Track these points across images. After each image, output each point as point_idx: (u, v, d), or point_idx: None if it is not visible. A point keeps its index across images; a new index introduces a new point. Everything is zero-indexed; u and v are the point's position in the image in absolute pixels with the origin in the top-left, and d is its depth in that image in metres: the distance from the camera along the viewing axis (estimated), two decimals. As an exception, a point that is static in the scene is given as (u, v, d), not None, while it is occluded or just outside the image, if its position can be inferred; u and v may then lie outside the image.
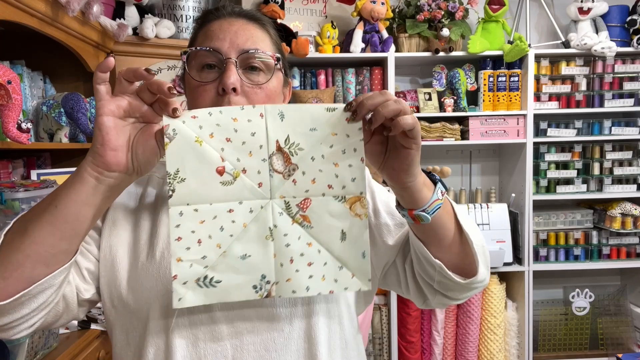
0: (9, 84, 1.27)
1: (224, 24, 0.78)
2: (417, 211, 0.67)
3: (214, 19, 0.79)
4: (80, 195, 0.63)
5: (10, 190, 1.40)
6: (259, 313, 0.73)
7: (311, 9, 2.51)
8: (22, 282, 0.63)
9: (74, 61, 1.84)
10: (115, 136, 0.62)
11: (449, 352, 2.56)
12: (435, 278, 0.74)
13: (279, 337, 0.73)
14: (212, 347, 0.71)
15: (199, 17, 0.83)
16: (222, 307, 0.72)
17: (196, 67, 0.76)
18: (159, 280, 0.72)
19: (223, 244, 0.64)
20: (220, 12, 0.80)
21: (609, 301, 2.68)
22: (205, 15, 0.82)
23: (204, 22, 0.81)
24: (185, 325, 0.71)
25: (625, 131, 2.53)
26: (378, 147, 0.68)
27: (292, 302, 0.74)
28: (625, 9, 2.51)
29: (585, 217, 2.59)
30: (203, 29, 0.80)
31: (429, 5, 2.46)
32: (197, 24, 0.83)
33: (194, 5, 2.24)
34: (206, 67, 0.75)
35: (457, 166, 2.78)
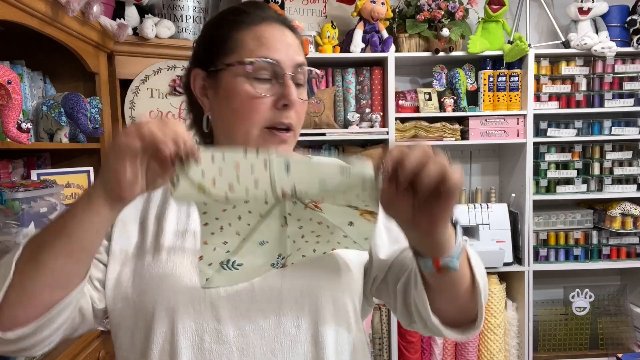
0: (9, 84, 1.27)
1: (276, 33, 0.76)
2: (444, 259, 0.59)
3: (259, 22, 0.76)
4: (94, 224, 0.62)
5: (10, 190, 1.40)
6: (266, 315, 0.71)
7: (311, 9, 2.51)
8: (41, 307, 0.64)
9: (74, 61, 1.84)
10: (130, 176, 0.59)
11: (449, 352, 2.56)
12: (427, 324, 0.70)
13: (285, 340, 0.71)
14: (218, 349, 0.70)
15: (234, 14, 0.78)
16: (229, 308, 0.71)
17: (246, 76, 0.74)
18: (165, 280, 0.71)
19: (242, 232, 0.66)
20: (266, 13, 0.78)
21: (609, 301, 2.68)
22: (245, 14, 0.78)
23: (245, 22, 0.77)
24: (190, 327, 0.70)
25: (625, 131, 2.53)
26: (406, 199, 0.57)
27: (299, 305, 0.72)
28: (625, 9, 2.51)
29: (585, 217, 2.59)
30: (249, 32, 0.76)
31: (429, 5, 2.46)
32: (233, 22, 0.78)
33: (194, 5, 2.24)
34: (258, 77, 0.74)
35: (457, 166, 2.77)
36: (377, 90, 2.48)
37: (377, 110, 2.47)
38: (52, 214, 1.56)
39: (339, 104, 2.48)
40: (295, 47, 0.78)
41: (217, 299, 0.71)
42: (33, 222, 1.46)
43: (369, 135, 2.42)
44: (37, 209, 1.49)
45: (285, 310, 0.72)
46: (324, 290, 0.73)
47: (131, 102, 2.13)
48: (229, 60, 0.75)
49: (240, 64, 0.73)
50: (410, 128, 2.47)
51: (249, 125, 0.75)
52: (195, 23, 2.25)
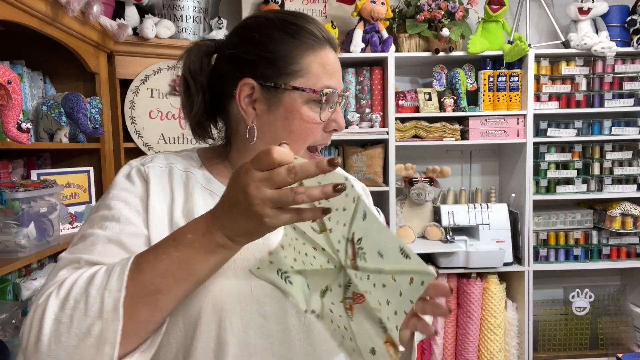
0: (9, 84, 1.27)
1: (333, 59, 0.81)
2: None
3: (322, 45, 0.79)
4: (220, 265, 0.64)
5: (10, 190, 1.40)
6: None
7: (311, 9, 2.51)
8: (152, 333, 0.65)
9: (74, 61, 1.84)
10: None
11: (449, 352, 2.56)
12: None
13: (322, 332, 0.74)
14: (262, 343, 0.73)
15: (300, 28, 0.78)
16: (274, 305, 0.74)
17: (307, 100, 0.78)
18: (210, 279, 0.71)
19: (304, 265, 0.71)
20: (325, 34, 0.80)
21: (609, 301, 2.68)
22: (310, 34, 0.78)
23: (310, 44, 0.78)
24: (237, 324, 0.72)
25: (625, 131, 2.53)
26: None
27: None
28: (625, 9, 2.51)
29: (585, 217, 2.59)
30: (315, 55, 0.78)
31: (429, 5, 2.46)
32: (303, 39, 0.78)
33: (194, 5, 2.24)
34: (315, 101, 0.78)
35: (457, 166, 2.78)
36: (377, 90, 2.48)
37: (377, 110, 2.47)
38: (52, 214, 1.56)
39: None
40: (340, 74, 0.83)
41: (263, 297, 0.73)
42: (33, 222, 1.46)
43: (368, 135, 2.43)
44: (37, 209, 1.49)
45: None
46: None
47: (131, 102, 2.13)
48: (296, 84, 0.77)
49: (314, 92, 0.77)
50: (410, 128, 2.47)
51: (300, 146, 0.80)
52: (195, 23, 2.25)
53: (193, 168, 0.82)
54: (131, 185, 0.78)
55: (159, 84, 2.16)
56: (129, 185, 0.78)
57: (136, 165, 0.81)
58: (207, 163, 0.85)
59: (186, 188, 0.79)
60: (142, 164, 0.81)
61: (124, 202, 0.75)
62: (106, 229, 0.72)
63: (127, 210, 0.74)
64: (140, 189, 0.77)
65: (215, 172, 0.84)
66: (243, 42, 0.80)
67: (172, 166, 0.81)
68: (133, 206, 0.75)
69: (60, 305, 0.60)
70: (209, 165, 0.85)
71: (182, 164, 0.82)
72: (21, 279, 1.65)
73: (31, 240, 1.45)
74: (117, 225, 0.72)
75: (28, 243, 1.43)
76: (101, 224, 0.73)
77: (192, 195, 0.78)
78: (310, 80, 0.77)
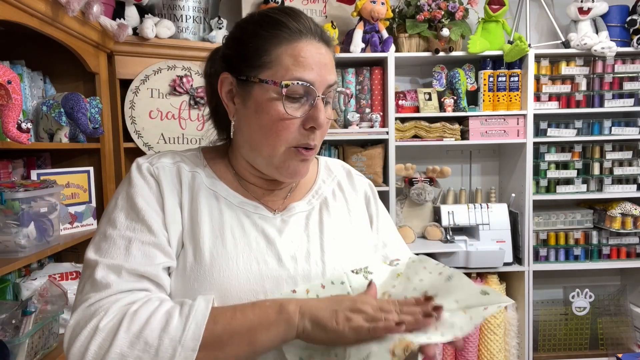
0: (9, 84, 1.27)
1: (312, 50, 0.75)
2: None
3: (297, 37, 0.75)
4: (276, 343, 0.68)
5: (10, 190, 1.40)
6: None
7: (311, 9, 2.51)
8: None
9: (74, 61, 1.84)
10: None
11: (449, 352, 2.56)
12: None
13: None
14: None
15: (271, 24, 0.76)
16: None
17: (279, 94, 0.74)
18: (212, 282, 0.72)
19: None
20: (302, 26, 0.76)
21: (609, 301, 2.68)
22: (283, 26, 0.75)
23: (283, 37, 0.75)
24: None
25: (625, 131, 2.53)
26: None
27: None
28: (625, 9, 2.51)
29: (585, 217, 2.59)
30: (287, 47, 0.74)
31: (429, 5, 2.46)
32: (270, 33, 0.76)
33: (194, 5, 2.24)
34: (291, 97, 0.74)
35: (457, 166, 2.78)
36: (377, 90, 2.48)
37: (377, 110, 2.47)
38: (52, 214, 1.56)
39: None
40: (329, 66, 0.77)
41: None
42: (33, 222, 1.46)
43: (368, 135, 2.42)
44: (37, 209, 1.49)
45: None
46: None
47: (131, 102, 2.13)
48: (263, 76, 0.75)
49: (275, 84, 0.73)
50: (410, 128, 2.47)
51: (276, 143, 0.76)
52: (195, 23, 2.25)
53: (198, 168, 0.83)
54: (146, 184, 0.78)
55: (159, 84, 2.16)
56: (144, 184, 0.78)
57: (145, 164, 0.81)
58: (211, 162, 0.86)
59: (191, 188, 0.80)
60: (150, 163, 0.81)
61: (145, 202, 0.75)
62: (134, 230, 0.73)
63: (150, 211, 0.75)
64: (155, 188, 0.78)
65: (219, 171, 0.84)
66: (229, 40, 0.82)
67: (179, 165, 0.82)
68: (152, 206, 0.76)
69: (130, 344, 0.62)
70: (213, 164, 0.85)
71: (188, 164, 0.83)
72: (21, 279, 1.65)
73: (31, 240, 1.45)
74: (143, 227, 0.73)
75: (28, 243, 1.43)
76: (127, 225, 0.73)
77: (197, 195, 0.79)
78: (278, 73, 0.74)
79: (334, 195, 0.90)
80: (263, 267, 0.75)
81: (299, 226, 0.82)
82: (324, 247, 0.80)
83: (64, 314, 1.61)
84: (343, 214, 0.88)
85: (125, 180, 0.79)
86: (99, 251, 0.71)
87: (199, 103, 2.21)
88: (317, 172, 0.93)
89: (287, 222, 0.82)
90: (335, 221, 0.85)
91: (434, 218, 2.59)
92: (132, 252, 0.71)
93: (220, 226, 0.77)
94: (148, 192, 0.77)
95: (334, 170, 0.95)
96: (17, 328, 1.37)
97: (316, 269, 0.77)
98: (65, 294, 1.56)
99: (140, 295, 0.68)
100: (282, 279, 0.75)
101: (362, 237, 0.88)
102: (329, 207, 0.87)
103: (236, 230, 0.77)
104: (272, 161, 0.78)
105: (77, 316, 0.66)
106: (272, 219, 0.82)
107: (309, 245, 0.80)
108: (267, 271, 0.75)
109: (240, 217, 0.80)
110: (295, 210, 0.84)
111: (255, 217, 0.81)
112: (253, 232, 0.78)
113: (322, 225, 0.83)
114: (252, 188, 0.84)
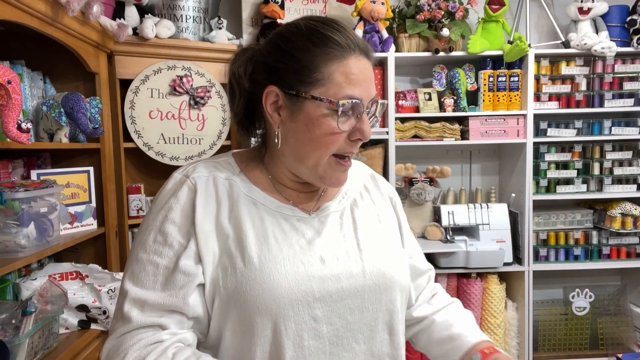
0: (9, 84, 1.27)
1: (361, 67, 0.79)
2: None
3: (349, 55, 0.78)
4: None
5: (10, 190, 1.40)
6: (352, 310, 0.81)
7: (311, 9, 2.51)
8: None
9: (74, 61, 1.84)
10: None
11: (449, 352, 2.56)
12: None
13: (366, 329, 0.82)
14: (315, 344, 0.78)
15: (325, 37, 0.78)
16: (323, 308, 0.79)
17: (328, 109, 0.77)
18: (264, 286, 0.75)
19: None
20: (353, 42, 0.79)
21: (609, 301, 2.68)
22: (335, 43, 0.78)
23: (335, 53, 0.77)
24: (291, 328, 0.76)
25: (625, 131, 2.53)
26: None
27: (378, 299, 0.83)
28: (625, 9, 2.51)
29: (585, 217, 2.59)
30: (339, 64, 0.77)
31: (429, 5, 2.46)
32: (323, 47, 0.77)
33: (194, 5, 2.24)
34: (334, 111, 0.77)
35: (457, 166, 2.78)
36: (377, 90, 2.48)
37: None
38: (52, 214, 1.56)
39: (339, 104, 2.48)
40: (372, 82, 0.81)
41: (313, 301, 0.78)
42: (33, 222, 1.46)
43: (369, 135, 2.42)
44: (37, 209, 1.49)
45: (367, 304, 0.82)
46: (396, 286, 0.85)
47: (131, 102, 2.13)
48: (316, 93, 0.77)
49: (330, 103, 0.76)
50: (410, 128, 2.47)
51: (323, 154, 0.80)
52: (195, 23, 2.25)
53: (233, 175, 0.85)
54: (176, 202, 0.80)
55: (159, 84, 2.16)
56: (174, 202, 0.81)
57: (180, 178, 0.83)
58: (245, 168, 0.87)
59: (230, 197, 0.83)
60: (185, 175, 0.83)
61: (173, 224, 0.79)
62: (161, 255, 0.78)
63: (177, 233, 0.78)
64: (186, 203, 0.80)
65: (253, 177, 0.86)
66: (273, 50, 0.82)
67: (215, 175, 0.84)
68: (181, 226, 0.79)
69: None
70: (247, 170, 0.87)
71: (223, 172, 0.85)
72: (21, 279, 1.65)
73: (31, 240, 1.45)
74: (170, 251, 0.78)
75: (28, 243, 1.43)
76: (155, 249, 0.78)
77: (237, 204, 0.82)
78: (331, 90, 0.77)
79: (362, 196, 0.94)
80: (309, 268, 0.79)
81: (335, 226, 0.87)
82: (360, 245, 0.85)
83: (64, 314, 1.61)
84: (372, 213, 0.92)
85: (159, 197, 0.83)
86: (131, 276, 0.78)
87: (198, 103, 2.21)
88: None
89: (324, 222, 0.86)
90: (366, 220, 0.90)
91: (434, 218, 2.59)
92: (158, 280, 0.76)
93: (263, 232, 0.80)
94: (179, 212, 0.80)
95: (359, 172, 0.99)
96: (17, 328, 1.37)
97: (356, 267, 0.82)
98: (65, 294, 1.56)
99: (159, 338, 0.74)
100: (327, 278, 0.79)
101: (393, 237, 0.93)
102: (358, 207, 0.91)
103: (278, 235, 0.81)
104: (316, 170, 0.82)
105: (109, 345, 0.75)
106: (309, 219, 0.85)
107: (346, 245, 0.84)
108: (312, 271, 0.79)
109: (280, 221, 0.83)
110: (329, 209, 0.88)
111: (293, 220, 0.84)
112: (294, 235, 0.82)
113: (355, 224, 0.88)
114: (287, 191, 0.87)
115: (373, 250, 0.85)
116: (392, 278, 0.84)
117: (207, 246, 0.78)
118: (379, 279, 0.83)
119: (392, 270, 0.85)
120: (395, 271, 0.86)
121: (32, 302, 1.45)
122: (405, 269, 0.91)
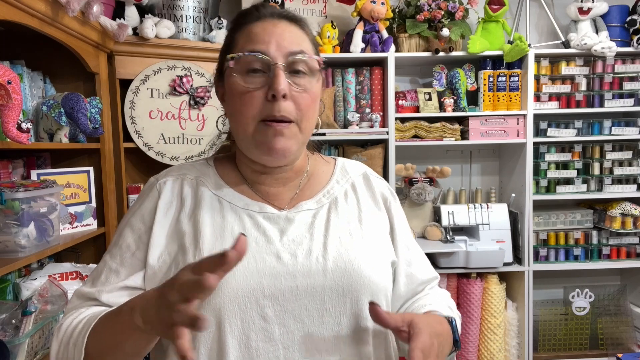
0: (9, 84, 1.27)
1: (267, 26, 0.78)
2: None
3: (254, 20, 0.79)
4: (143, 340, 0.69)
5: (10, 190, 1.40)
6: (309, 312, 0.75)
7: (311, 9, 2.51)
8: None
9: (74, 61, 1.84)
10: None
11: (449, 352, 2.55)
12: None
13: (329, 336, 0.75)
14: (265, 347, 0.73)
15: (236, 18, 0.83)
16: (274, 307, 0.74)
17: (240, 72, 0.76)
18: None
19: None
20: (261, 12, 0.80)
21: (609, 301, 2.68)
22: (243, 16, 0.81)
23: (242, 23, 0.80)
24: (237, 326, 0.73)
25: (625, 131, 2.53)
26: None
27: (341, 303, 0.76)
28: (625, 9, 2.51)
29: (585, 217, 2.59)
30: (243, 31, 0.79)
31: (429, 5, 2.46)
32: (234, 25, 0.82)
33: (194, 5, 2.24)
34: (251, 71, 0.76)
35: (457, 166, 2.78)
36: (377, 90, 2.48)
37: (377, 110, 2.47)
38: (52, 214, 1.56)
39: (338, 103, 2.48)
40: (290, 37, 0.77)
41: (262, 298, 0.73)
42: (33, 222, 1.46)
43: (368, 135, 2.43)
44: (37, 209, 1.49)
45: (327, 306, 0.75)
46: (365, 289, 0.77)
47: (131, 102, 2.13)
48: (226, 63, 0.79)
49: (227, 61, 0.77)
50: (410, 128, 2.47)
51: (245, 120, 0.77)
52: (195, 23, 2.25)
53: (206, 175, 0.86)
54: (139, 206, 0.84)
55: (159, 84, 2.16)
56: (137, 206, 0.85)
57: (152, 181, 0.87)
58: (220, 167, 0.88)
59: (195, 196, 0.83)
60: (156, 178, 0.86)
61: (130, 228, 0.82)
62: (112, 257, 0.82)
63: (130, 237, 0.81)
64: (147, 208, 0.83)
65: (226, 176, 0.86)
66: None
67: (184, 175, 0.86)
68: (136, 230, 0.82)
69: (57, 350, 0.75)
70: (222, 170, 0.87)
71: (195, 172, 0.86)
72: (21, 279, 1.65)
73: (31, 240, 1.45)
74: (118, 252, 0.81)
75: (28, 243, 1.43)
76: (110, 249, 0.83)
77: (200, 203, 0.81)
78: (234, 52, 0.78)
79: (346, 196, 0.88)
80: (260, 264, 0.75)
81: (303, 224, 0.82)
82: (327, 245, 0.79)
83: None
84: (352, 214, 0.86)
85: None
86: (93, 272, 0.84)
87: (199, 103, 2.21)
88: (333, 172, 0.92)
89: (291, 219, 0.82)
90: (343, 220, 0.84)
91: (434, 218, 2.59)
92: (100, 279, 0.80)
93: (221, 229, 0.78)
94: (139, 217, 0.82)
95: (349, 171, 0.94)
96: (17, 328, 1.37)
97: (317, 265, 0.76)
98: (65, 294, 1.56)
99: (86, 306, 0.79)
100: (280, 275, 0.75)
101: (373, 238, 0.85)
102: (337, 207, 0.86)
103: (237, 231, 0.78)
104: (253, 143, 0.79)
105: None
106: (276, 217, 0.81)
107: (311, 243, 0.79)
108: (264, 267, 0.75)
109: (243, 219, 0.80)
110: (303, 207, 0.84)
111: (259, 217, 0.81)
112: (254, 232, 0.79)
113: (328, 223, 0.83)
114: (260, 188, 0.85)
115: (341, 250, 0.79)
116: (359, 280, 0.76)
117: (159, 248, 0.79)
118: (342, 279, 0.76)
119: (361, 272, 0.77)
120: (368, 273, 0.77)
121: (32, 302, 1.45)
122: (384, 271, 0.82)
